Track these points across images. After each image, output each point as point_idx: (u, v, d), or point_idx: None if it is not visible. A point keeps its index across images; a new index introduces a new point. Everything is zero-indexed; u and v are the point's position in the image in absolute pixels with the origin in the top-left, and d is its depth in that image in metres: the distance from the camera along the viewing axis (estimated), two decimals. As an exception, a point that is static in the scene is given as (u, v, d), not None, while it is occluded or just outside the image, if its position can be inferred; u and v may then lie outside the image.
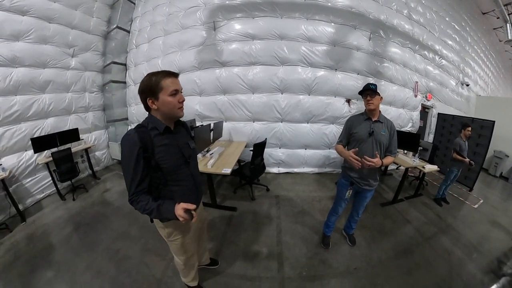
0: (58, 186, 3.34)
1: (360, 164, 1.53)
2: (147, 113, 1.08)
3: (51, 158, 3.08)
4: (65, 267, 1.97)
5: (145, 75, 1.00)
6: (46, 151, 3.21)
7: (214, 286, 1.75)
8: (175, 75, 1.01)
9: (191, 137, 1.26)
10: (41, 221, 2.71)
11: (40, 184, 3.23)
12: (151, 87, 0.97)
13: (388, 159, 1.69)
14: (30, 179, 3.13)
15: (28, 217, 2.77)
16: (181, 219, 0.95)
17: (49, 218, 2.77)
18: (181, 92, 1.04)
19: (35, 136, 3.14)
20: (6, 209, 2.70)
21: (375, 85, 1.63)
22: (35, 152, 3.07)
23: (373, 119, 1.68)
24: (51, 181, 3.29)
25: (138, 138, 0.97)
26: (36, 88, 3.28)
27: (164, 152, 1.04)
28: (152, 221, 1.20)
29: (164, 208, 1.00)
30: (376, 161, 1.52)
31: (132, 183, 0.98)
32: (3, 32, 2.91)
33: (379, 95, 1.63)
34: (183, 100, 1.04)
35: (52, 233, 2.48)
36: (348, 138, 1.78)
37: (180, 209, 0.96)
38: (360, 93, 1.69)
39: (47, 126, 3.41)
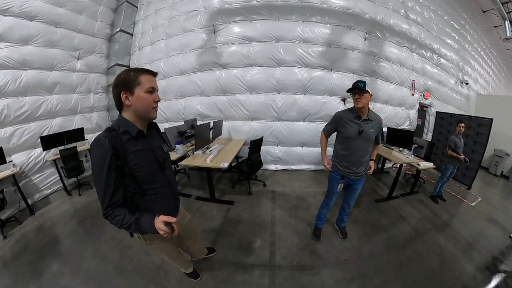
0: (65, 182, 3.48)
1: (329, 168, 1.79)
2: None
3: (58, 156, 3.23)
4: (72, 254, 2.11)
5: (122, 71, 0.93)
6: (53, 149, 3.36)
7: (210, 273, 1.84)
8: (153, 73, 0.96)
9: (163, 140, 1.17)
10: (49, 214, 2.85)
11: (48, 180, 3.39)
12: (128, 81, 0.89)
13: (375, 151, 1.79)
14: (38, 175, 3.28)
15: (36, 211, 2.91)
16: (161, 232, 0.89)
17: (57, 211, 2.92)
18: (157, 93, 0.98)
19: (43, 134, 3.29)
20: (15, 203, 2.85)
21: (364, 83, 1.61)
22: (44, 150, 3.23)
23: (363, 117, 1.67)
24: (58, 177, 3.44)
25: (110, 144, 0.87)
26: (44, 89, 3.45)
27: (138, 159, 0.95)
28: (132, 235, 1.12)
29: (143, 221, 0.92)
30: (371, 172, 1.80)
31: (105, 195, 0.89)
32: (13, 36, 3.08)
33: (368, 92, 1.60)
34: (158, 100, 0.97)
35: (59, 224, 2.62)
36: (333, 131, 1.85)
37: (160, 222, 0.90)
38: (349, 91, 1.66)
39: (55, 125, 3.57)
